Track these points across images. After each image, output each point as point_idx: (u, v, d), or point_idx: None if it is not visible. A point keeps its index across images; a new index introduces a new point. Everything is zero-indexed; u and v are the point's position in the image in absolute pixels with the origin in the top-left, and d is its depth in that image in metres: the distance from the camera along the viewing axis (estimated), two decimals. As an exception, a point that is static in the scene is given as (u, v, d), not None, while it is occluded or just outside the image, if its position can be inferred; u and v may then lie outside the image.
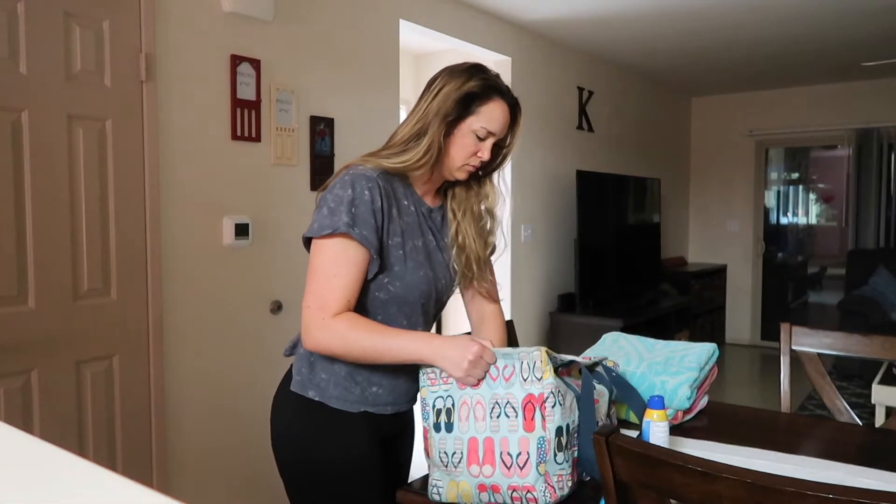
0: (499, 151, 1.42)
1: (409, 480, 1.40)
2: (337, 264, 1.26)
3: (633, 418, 1.60)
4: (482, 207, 1.47)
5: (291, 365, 1.44)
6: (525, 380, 1.18)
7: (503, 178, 1.49)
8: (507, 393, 1.19)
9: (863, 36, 4.47)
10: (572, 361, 1.28)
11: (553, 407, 1.16)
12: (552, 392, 1.16)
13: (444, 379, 1.25)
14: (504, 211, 1.53)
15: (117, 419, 2.24)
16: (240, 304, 2.60)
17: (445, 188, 1.48)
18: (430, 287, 1.39)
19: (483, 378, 1.23)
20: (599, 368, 1.43)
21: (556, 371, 1.24)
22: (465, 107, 1.33)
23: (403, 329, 1.36)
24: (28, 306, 2.02)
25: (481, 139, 1.36)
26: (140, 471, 2.28)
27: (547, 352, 1.19)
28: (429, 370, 1.27)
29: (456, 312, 4.65)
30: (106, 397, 2.21)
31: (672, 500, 0.90)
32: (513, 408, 1.18)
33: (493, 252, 1.52)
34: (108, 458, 2.21)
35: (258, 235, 2.64)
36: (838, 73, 5.66)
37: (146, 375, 2.31)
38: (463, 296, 1.57)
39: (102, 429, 2.20)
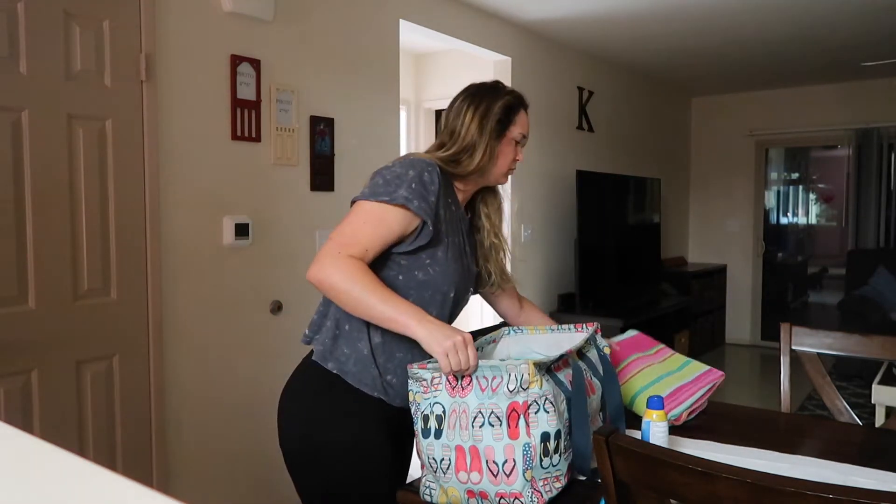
0: None
1: (410, 481, 1.40)
2: (373, 219, 1.34)
3: (636, 409, 1.60)
4: (498, 208, 1.61)
5: (305, 358, 1.48)
6: (511, 391, 1.18)
7: None
8: (492, 403, 1.19)
9: (863, 36, 4.47)
10: (562, 356, 1.28)
11: (537, 413, 1.17)
12: (536, 400, 1.17)
13: (435, 385, 1.25)
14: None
15: (117, 419, 2.24)
16: (240, 304, 2.60)
17: (473, 198, 1.59)
18: (462, 282, 1.48)
19: (470, 380, 1.22)
20: (593, 352, 1.42)
21: (549, 368, 1.24)
22: (506, 120, 1.49)
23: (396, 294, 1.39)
24: (28, 306, 2.02)
25: (517, 143, 1.52)
26: (140, 471, 2.28)
27: (535, 363, 1.18)
28: (422, 378, 1.26)
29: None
30: (106, 397, 2.21)
31: (672, 500, 0.90)
32: (497, 417, 1.18)
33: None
34: (108, 458, 2.21)
35: (258, 235, 2.64)
36: (838, 73, 5.66)
37: (146, 375, 2.31)
38: (489, 300, 1.69)
39: (102, 429, 2.20)
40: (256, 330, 2.66)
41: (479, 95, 1.51)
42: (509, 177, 1.58)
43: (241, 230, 2.56)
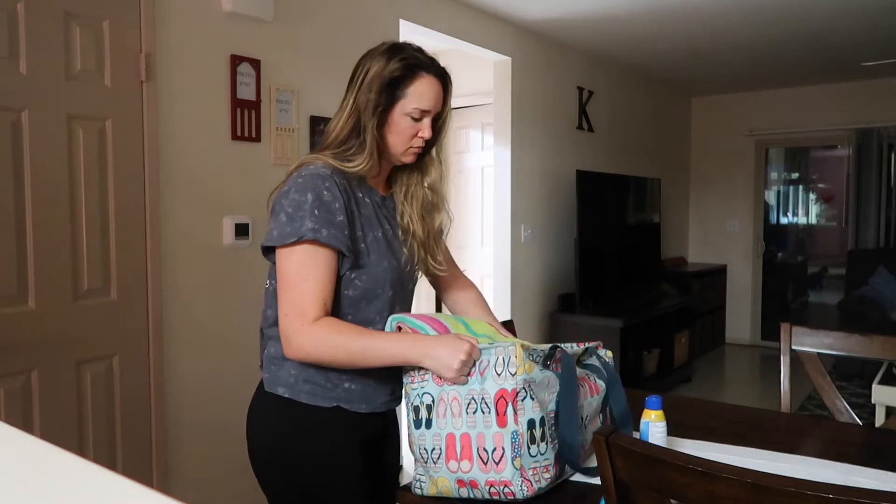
0: (437, 125, 1.40)
1: (405, 483, 1.40)
2: (306, 269, 1.24)
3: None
4: (426, 185, 1.43)
5: (258, 386, 1.43)
6: (499, 374, 1.18)
7: (442, 152, 1.46)
8: (482, 388, 1.19)
9: (863, 36, 4.46)
10: (556, 347, 1.27)
11: (524, 400, 1.17)
12: (524, 387, 1.17)
13: (422, 375, 1.25)
14: (447, 185, 1.48)
15: (117, 419, 2.24)
16: (240, 304, 2.60)
17: (390, 174, 1.45)
18: (395, 276, 1.36)
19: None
20: (594, 360, 1.41)
21: (545, 364, 1.24)
22: (390, 94, 1.31)
23: (384, 332, 1.32)
24: (28, 306, 2.02)
25: (417, 120, 1.34)
26: (140, 471, 2.28)
27: (523, 345, 1.18)
28: (409, 369, 1.26)
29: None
30: (106, 397, 2.21)
31: (672, 500, 0.90)
32: (486, 404, 1.18)
33: (440, 230, 1.48)
34: (108, 458, 2.21)
35: (258, 235, 2.64)
36: (838, 73, 5.66)
37: (146, 375, 2.31)
38: (434, 288, 1.59)
39: (102, 429, 2.20)
40: (256, 330, 2.66)
41: (372, 62, 1.32)
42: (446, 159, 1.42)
43: (241, 230, 2.56)
